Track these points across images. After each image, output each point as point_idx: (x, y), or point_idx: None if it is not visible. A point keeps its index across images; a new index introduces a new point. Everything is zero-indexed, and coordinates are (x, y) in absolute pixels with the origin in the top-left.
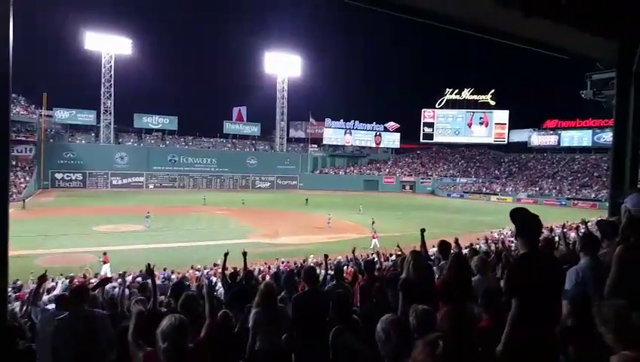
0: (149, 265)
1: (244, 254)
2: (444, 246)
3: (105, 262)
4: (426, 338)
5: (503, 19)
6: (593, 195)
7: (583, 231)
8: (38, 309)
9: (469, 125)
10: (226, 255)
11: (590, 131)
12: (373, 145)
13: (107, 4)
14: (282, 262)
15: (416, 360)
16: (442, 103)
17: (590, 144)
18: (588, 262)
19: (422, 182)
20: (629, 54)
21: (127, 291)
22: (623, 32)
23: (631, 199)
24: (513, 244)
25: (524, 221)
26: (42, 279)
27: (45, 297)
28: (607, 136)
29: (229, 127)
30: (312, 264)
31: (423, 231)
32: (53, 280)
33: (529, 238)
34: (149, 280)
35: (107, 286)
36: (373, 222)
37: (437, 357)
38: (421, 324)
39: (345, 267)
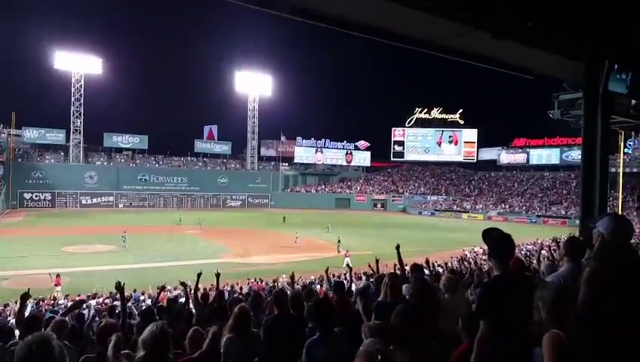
0: (118, 283)
1: (217, 275)
2: (416, 269)
3: (56, 285)
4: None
5: (472, 42)
6: (563, 212)
7: (554, 248)
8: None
9: (439, 144)
10: (199, 275)
11: (558, 149)
12: (345, 163)
13: (78, 24)
14: (255, 282)
15: (393, 323)
16: (412, 122)
17: (558, 162)
18: (570, 269)
19: (393, 200)
20: (595, 75)
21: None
22: (588, 54)
23: (603, 223)
24: (485, 263)
25: (497, 242)
26: (25, 298)
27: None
28: (574, 154)
29: (199, 145)
30: (283, 283)
31: (398, 247)
32: (16, 303)
33: (502, 260)
34: (118, 301)
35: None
36: (339, 241)
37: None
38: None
39: (319, 287)
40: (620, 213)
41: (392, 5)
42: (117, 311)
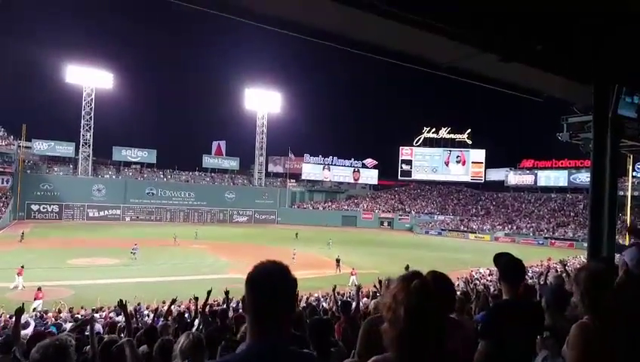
0: (121, 301)
1: (227, 293)
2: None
3: (36, 298)
4: (405, 274)
5: (480, 64)
6: (570, 234)
7: (560, 270)
8: (19, 345)
9: (447, 163)
10: (209, 292)
11: (566, 171)
12: (352, 180)
13: (90, 39)
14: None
15: (392, 293)
16: (420, 141)
17: (566, 184)
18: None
19: (400, 219)
20: (604, 99)
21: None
22: (598, 77)
23: (629, 253)
24: (491, 284)
25: (508, 266)
26: (19, 312)
27: (23, 332)
28: (582, 177)
29: (207, 161)
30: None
31: (407, 268)
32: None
33: (512, 284)
34: (122, 317)
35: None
36: (338, 260)
37: (411, 292)
38: None
39: (324, 304)
40: (627, 235)
41: (400, 27)
42: (120, 326)
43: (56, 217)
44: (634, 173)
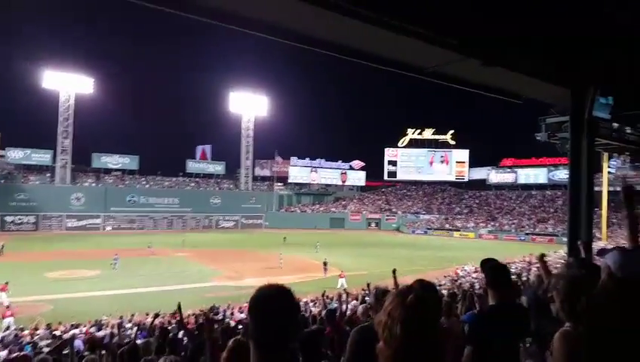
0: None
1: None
2: (426, 287)
3: (4, 316)
4: (398, 289)
5: (462, 68)
6: (550, 230)
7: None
8: None
9: (431, 163)
10: (179, 306)
11: (545, 169)
12: (339, 183)
13: (69, 44)
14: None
15: (387, 310)
16: (405, 142)
17: (546, 181)
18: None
19: (387, 219)
20: (581, 101)
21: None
22: (575, 80)
23: (611, 256)
24: (477, 281)
25: (494, 273)
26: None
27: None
28: (560, 174)
29: (192, 165)
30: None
31: (394, 272)
32: None
33: (499, 290)
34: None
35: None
36: (325, 263)
37: (407, 307)
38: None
39: (314, 309)
40: (604, 228)
41: (383, 33)
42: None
43: (33, 228)
44: (608, 170)
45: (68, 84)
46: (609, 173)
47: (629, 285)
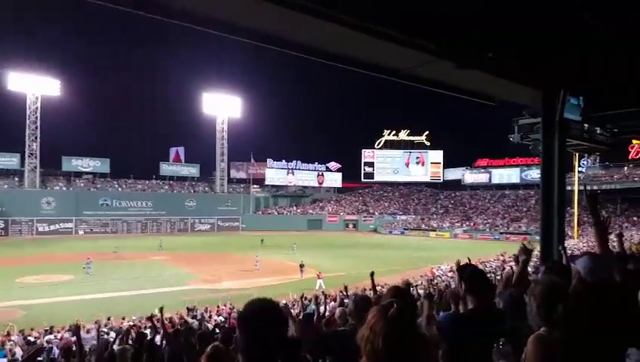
0: (77, 326)
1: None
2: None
3: None
4: (381, 303)
5: (435, 71)
6: (524, 228)
7: (515, 265)
8: None
9: (407, 165)
10: (161, 310)
11: (518, 169)
12: (316, 184)
13: (33, 45)
14: (230, 308)
15: (369, 324)
16: (381, 144)
17: (519, 181)
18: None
19: (364, 220)
20: (552, 103)
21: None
22: (546, 83)
23: (581, 262)
24: (452, 281)
25: (473, 280)
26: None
27: None
28: (533, 173)
29: (165, 168)
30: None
31: (372, 274)
32: None
33: (477, 296)
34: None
35: None
36: (301, 265)
37: (389, 321)
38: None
39: (293, 311)
40: (576, 227)
41: (358, 35)
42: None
43: (1, 233)
44: (579, 169)
45: (34, 87)
46: (580, 172)
47: (598, 289)
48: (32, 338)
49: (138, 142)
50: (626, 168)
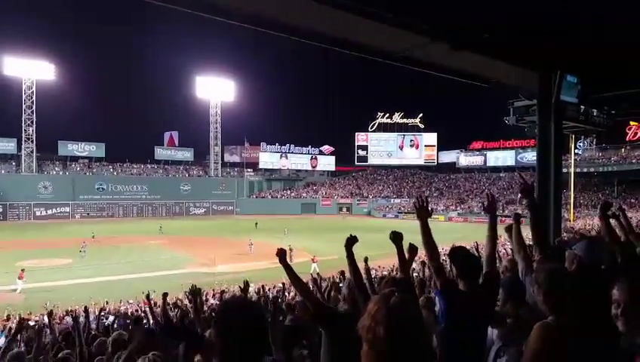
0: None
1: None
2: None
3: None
4: (381, 293)
5: (431, 53)
6: (520, 211)
7: (510, 248)
8: None
9: (401, 147)
10: (165, 295)
11: (513, 151)
12: (310, 168)
13: (28, 29)
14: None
15: (371, 313)
16: (374, 127)
17: (514, 163)
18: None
19: (358, 204)
20: (548, 85)
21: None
22: (542, 64)
23: (579, 246)
24: (445, 264)
25: (464, 265)
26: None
27: None
28: (529, 156)
29: (160, 152)
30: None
31: (366, 260)
32: None
33: (469, 279)
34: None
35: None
36: (290, 249)
37: (390, 309)
38: None
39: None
40: (572, 209)
41: (353, 18)
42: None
43: (0, 218)
44: (576, 151)
45: (29, 71)
46: (576, 154)
47: (594, 271)
48: (32, 323)
49: (133, 127)
50: (623, 150)
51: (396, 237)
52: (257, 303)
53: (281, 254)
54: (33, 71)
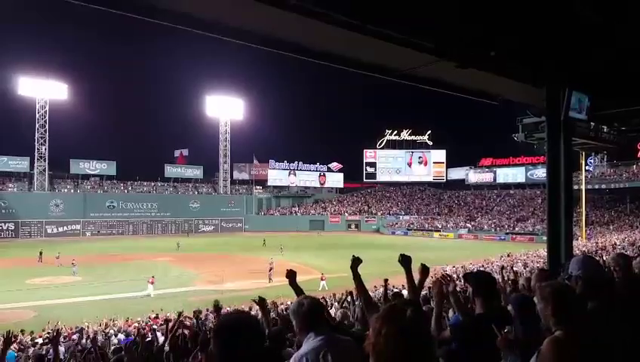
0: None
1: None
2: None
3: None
4: (389, 310)
5: (437, 70)
6: (530, 228)
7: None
8: None
9: (409, 164)
10: (179, 314)
11: (523, 168)
12: (318, 185)
13: (42, 50)
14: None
15: (378, 330)
16: (383, 144)
17: (524, 180)
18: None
19: (367, 221)
20: (556, 102)
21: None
22: (550, 81)
23: (576, 263)
24: (458, 284)
25: (480, 282)
26: (8, 341)
27: None
28: (539, 172)
29: (170, 170)
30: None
31: (386, 282)
32: None
33: (485, 299)
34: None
35: None
36: (271, 264)
37: (400, 328)
38: None
39: None
40: (584, 227)
41: (358, 36)
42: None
43: (11, 235)
44: (586, 168)
45: (43, 91)
46: (587, 170)
47: (593, 283)
48: (41, 340)
49: (143, 145)
50: (634, 166)
51: (405, 261)
52: (254, 317)
53: (291, 276)
54: (47, 91)
